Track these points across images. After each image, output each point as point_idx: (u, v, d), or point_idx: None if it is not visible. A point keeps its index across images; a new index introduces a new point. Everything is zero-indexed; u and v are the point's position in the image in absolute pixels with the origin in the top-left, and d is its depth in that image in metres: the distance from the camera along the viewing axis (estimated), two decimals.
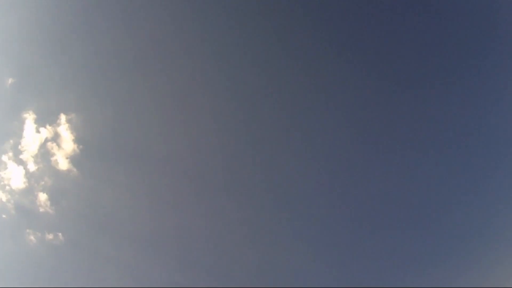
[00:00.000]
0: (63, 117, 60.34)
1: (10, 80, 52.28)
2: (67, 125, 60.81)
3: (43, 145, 74.21)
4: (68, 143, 75.19)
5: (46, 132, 62.63)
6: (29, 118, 58.36)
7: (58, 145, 73.99)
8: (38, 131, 63.67)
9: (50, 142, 71.99)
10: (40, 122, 61.73)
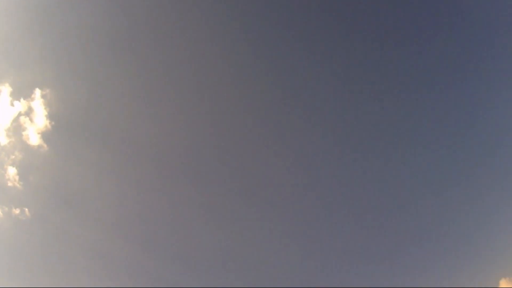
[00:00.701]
0: (38, 92, 59.78)
1: None
2: (41, 100, 60.23)
3: (16, 119, 73.33)
4: (41, 119, 74.36)
5: (20, 105, 62.03)
6: (4, 91, 57.99)
7: (31, 120, 73.54)
8: (12, 105, 63.10)
9: (24, 116, 71.04)
10: (15, 95, 61.17)
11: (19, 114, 71.16)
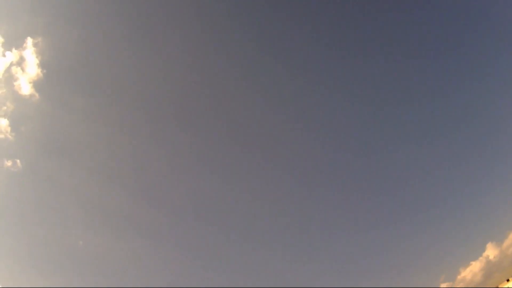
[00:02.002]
0: (29, 41, 58.47)
1: None
2: (33, 49, 58.96)
3: (7, 70, 71.64)
4: (32, 68, 72.77)
5: (11, 56, 60.60)
6: None
7: (23, 69, 72.54)
8: (3, 55, 61.70)
9: (15, 66, 69.73)
10: (7, 45, 59.74)
11: (11, 65, 69.11)
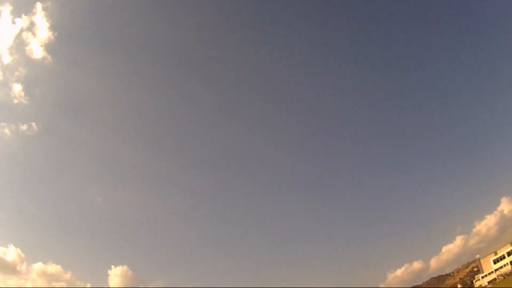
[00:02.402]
0: (39, 6, 62.31)
1: None
2: (43, 13, 63.01)
3: (18, 36, 79.06)
4: (43, 31, 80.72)
5: (21, 22, 65.27)
6: (5, 11, 60.74)
7: (34, 34, 79.94)
8: (13, 22, 66.31)
9: (26, 31, 76.84)
10: (16, 12, 63.63)
11: (21, 30, 75.52)
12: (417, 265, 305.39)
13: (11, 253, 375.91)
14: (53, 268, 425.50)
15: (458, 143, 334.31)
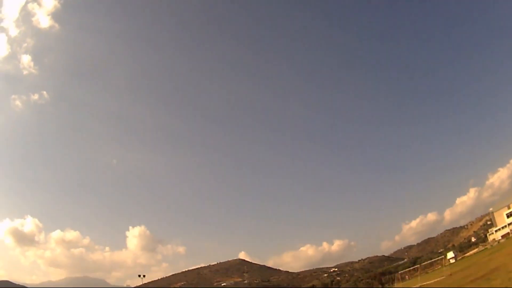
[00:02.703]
0: None
1: None
2: None
3: (24, 8, 79.79)
4: (49, 0, 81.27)
5: None
6: None
7: (39, 4, 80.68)
8: None
9: (31, 2, 76.49)
10: None
11: (27, 2, 76.03)
12: (431, 216, 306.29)
13: (29, 223, 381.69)
14: (71, 234, 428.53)
15: (473, 97, 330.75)
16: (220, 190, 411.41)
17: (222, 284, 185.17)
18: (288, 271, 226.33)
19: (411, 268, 56.22)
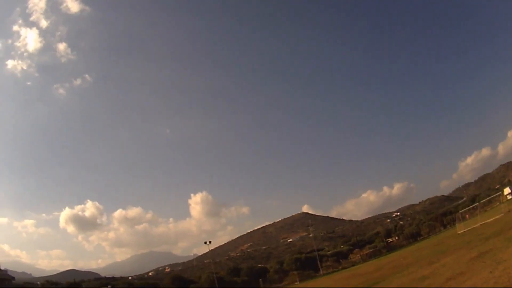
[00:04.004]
0: None
1: None
2: None
3: None
4: None
5: None
6: None
7: None
8: None
9: None
10: None
11: None
12: (485, 151, 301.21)
13: (89, 208, 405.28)
14: (134, 211, 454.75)
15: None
16: (278, 146, 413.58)
17: (288, 241, 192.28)
18: (351, 220, 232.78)
19: (470, 207, 57.99)
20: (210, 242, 73.60)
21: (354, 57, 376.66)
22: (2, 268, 53.37)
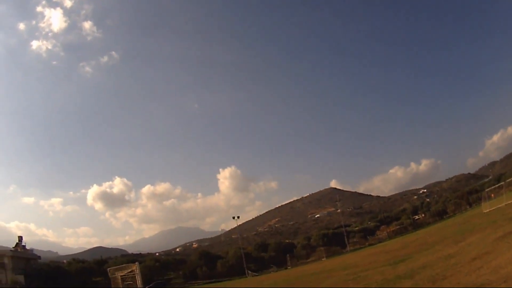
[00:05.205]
0: None
1: None
2: None
3: None
4: None
5: None
6: None
7: None
8: None
9: None
10: None
11: None
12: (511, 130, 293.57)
13: (118, 184, 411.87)
14: (162, 187, 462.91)
15: None
16: (307, 121, 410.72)
17: (316, 216, 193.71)
18: (379, 196, 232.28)
19: (496, 186, 57.67)
20: (238, 217, 75.18)
21: (379, 39, 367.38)
22: (28, 247, 55.32)
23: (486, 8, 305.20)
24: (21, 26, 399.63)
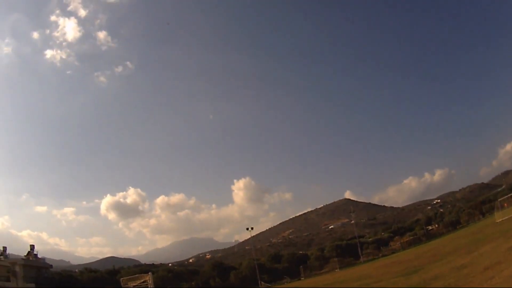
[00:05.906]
0: None
1: None
2: None
3: None
4: None
5: None
6: None
7: None
8: None
9: None
10: None
11: None
12: None
13: (131, 195, 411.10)
14: (176, 198, 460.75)
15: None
16: (322, 132, 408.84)
17: (330, 227, 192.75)
18: (392, 207, 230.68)
19: (509, 195, 57.29)
20: (252, 228, 74.38)
21: (395, 44, 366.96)
22: (40, 256, 55.72)
23: (503, 12, 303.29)
24: (35, 35, 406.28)
